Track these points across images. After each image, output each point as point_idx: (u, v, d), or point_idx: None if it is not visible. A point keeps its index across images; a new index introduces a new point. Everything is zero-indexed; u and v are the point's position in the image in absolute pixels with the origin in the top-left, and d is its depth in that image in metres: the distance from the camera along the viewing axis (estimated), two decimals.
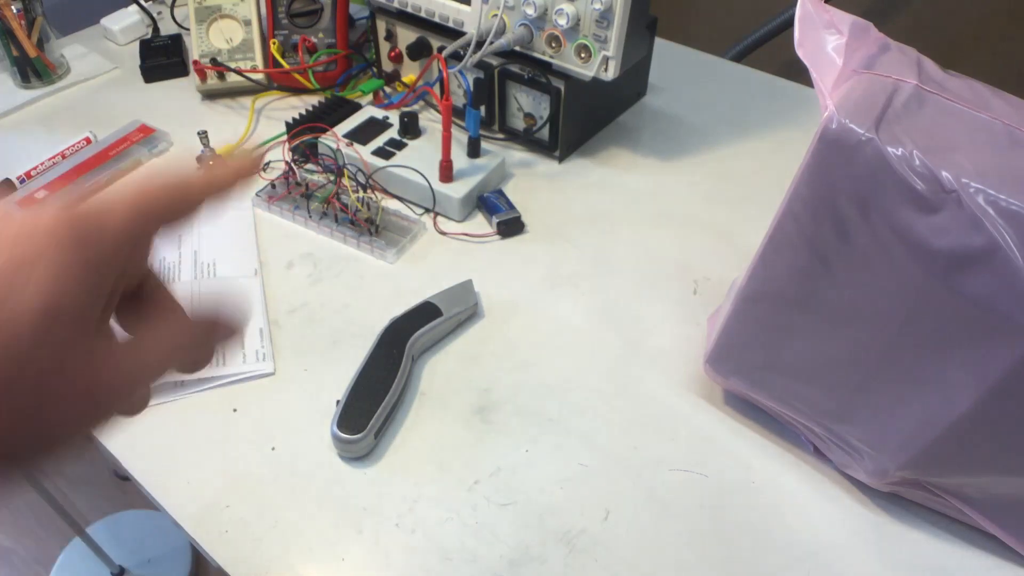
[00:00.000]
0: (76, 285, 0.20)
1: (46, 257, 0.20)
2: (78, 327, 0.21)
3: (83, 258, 0.21)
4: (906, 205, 0.37)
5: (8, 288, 0.19)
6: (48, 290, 0.20)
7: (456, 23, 0.76)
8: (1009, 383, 0.38)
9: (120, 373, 0.23)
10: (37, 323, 0.19)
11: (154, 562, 1.31)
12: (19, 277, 0.19)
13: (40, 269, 0.20)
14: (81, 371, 0.21)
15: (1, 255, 0.19)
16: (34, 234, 0.20)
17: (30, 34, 0.88)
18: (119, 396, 0.23)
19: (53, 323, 0.20)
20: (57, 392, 0.20)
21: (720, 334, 0.52)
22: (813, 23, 0.42)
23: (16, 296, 0.19)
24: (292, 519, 0.50)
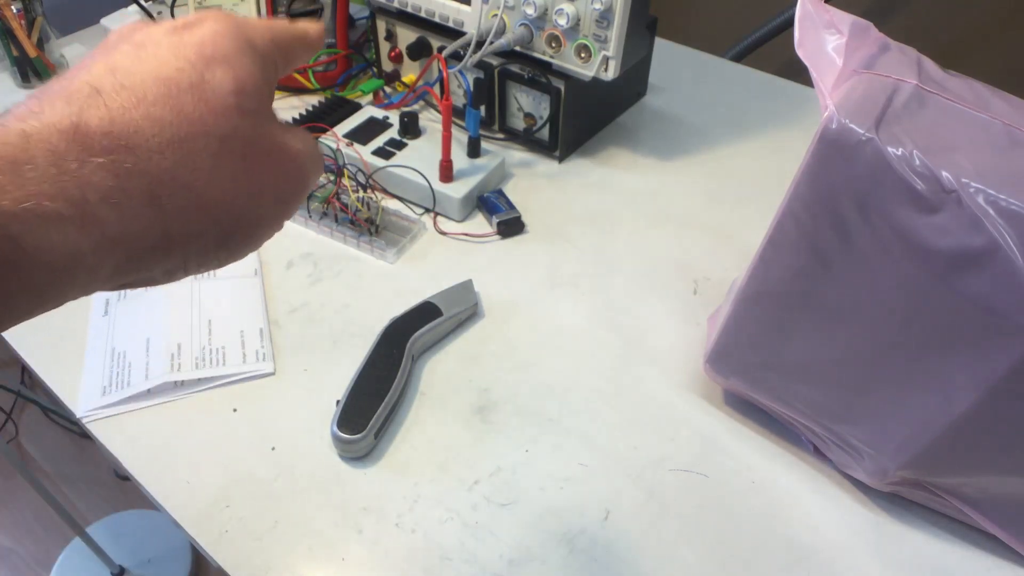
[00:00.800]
0: (253, 68, 0.24)
1: (229, 52, 0.24)
2: (262, 101, 0.25)
3: (251, 48, 0.25)
4: (906, 205, 0.37)
5: (209, 76, 0.23)
6: (236, 75, 0.24)
7: (456, 23, 0.76)
8: (1009, 383, 0.38)
9: (301, 135, 0.27)
10: (235, 99, 0.23)
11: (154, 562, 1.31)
12: (213, 68, 0.23)
13: (229, 61, 0.24)
14: (272, 133, 0.25)
15: (190, 43, 0.23)
16: (211, 29, 0.24)
17: (30, 34, 0.88)
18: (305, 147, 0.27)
19: (245, 98, 0.24)
20: (260, 152, 0.24)
21: (720, 334, 0.52)
22: (813, 23, 0.42)
23: (216, 82, 0.23)
24: (292, 519, 0.50)
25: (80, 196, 0.20)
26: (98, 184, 0.20)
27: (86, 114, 0.20)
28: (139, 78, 0.22)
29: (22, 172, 0.19)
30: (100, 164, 0.20)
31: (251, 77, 0.24)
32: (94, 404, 0.56)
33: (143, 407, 0.56)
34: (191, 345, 0.60)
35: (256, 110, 0.24)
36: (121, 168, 0.20)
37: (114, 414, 0.56)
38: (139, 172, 0.21)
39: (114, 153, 0.20)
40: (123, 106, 0.21)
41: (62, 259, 0.19)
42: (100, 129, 0.20)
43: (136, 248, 0.21)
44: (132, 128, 0.21)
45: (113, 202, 0.20)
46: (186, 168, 0.22)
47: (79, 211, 0.20)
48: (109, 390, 0.57)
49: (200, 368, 0.58)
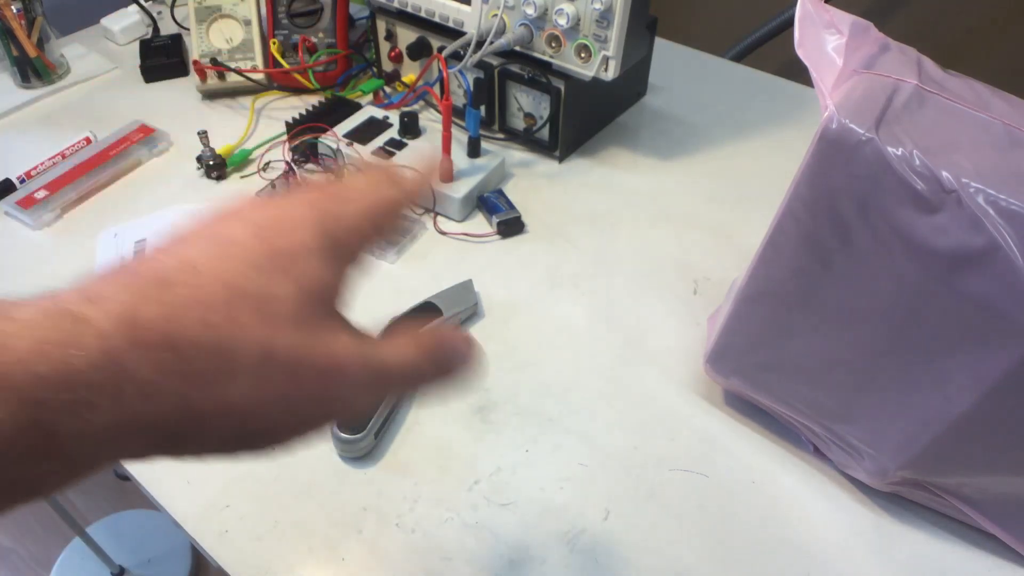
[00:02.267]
0: (324, 273, 0.24)
1: (302, 258, 0.23)
2: (322, 310, 0.24)
3: (332, 249, 0.24)
4: (906, 205, 0.37)
5: (274, 287, 0.23)
6: (300, 286, 0.23)
7: (456, 23, 0.76)
8: (1009, 383, 0.38)
9: (357, 356, 0.25)
10: (293, 312, 0.23)
11: (154, 562, 1.32)
12: (279, 280, 0.23)
13: (299, 269, 0.23)
14: (327, 346, 0.23)
15: (267, 242, 0.23)
16: (292, 226, 0.23)
17: (30, 34, 0.88)
18: (357, 379, 0.25)
19: (304, 309, 0.23)
20: (308, 366, 0.23)
21: (720, 334, 0.52)
22: (813, 23, 0.42)
23: (279, 293, 0.22)
24: (292, 519, 0.50)
25: (117, 387, 0.20)
26: (137, 377, 0.20)
27: (143, 307, 0.21)
28: (208, 278, 0.22)
29: (68, 359, 0.19)
30: (145, 358, 0.20)
31: (318, 284, 0.24)
32: None
33: None
34: None
35: (313, 322, 0.23)
36: (162, 365, 0.20)
37: None
38: (177, 372, 0.21)
39: (161, 351, 0.20)
40: (184, 304, 0.21)
41: (89, 443, 0.20)
42: (153, 325, 0.20)
43: (151, 434, 0.21)
44: (183, 327, 0.21)
45: (146, 394, 0.20)
46: (222, 374, 0.21)
47: (113, 399, 0.20)
48: None
49: None
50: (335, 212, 0.25)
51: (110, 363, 0.19)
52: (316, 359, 0.23)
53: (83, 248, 0.70)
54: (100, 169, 0.78)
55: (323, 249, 0.24)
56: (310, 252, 0.23)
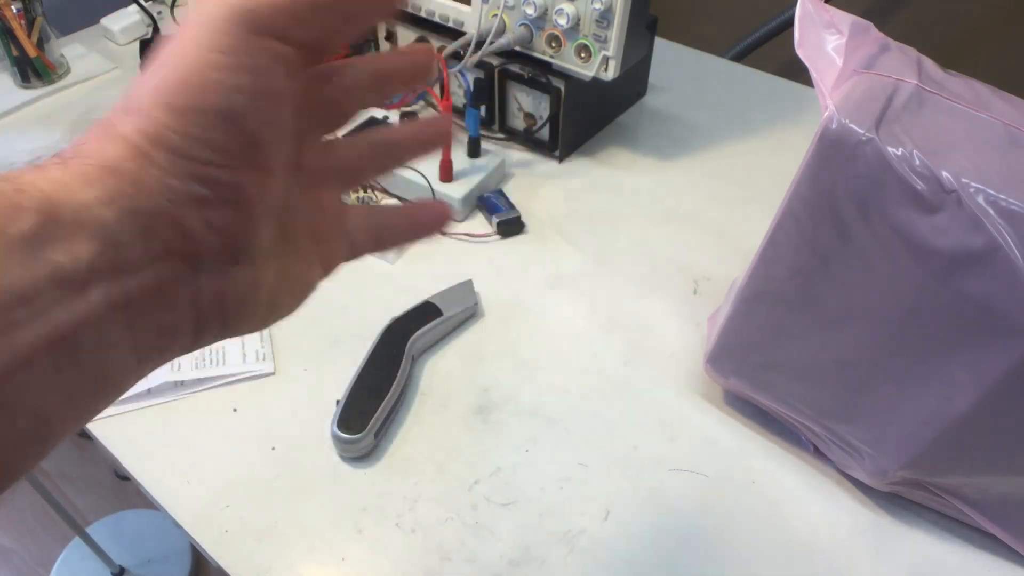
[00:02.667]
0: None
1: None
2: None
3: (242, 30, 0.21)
4: (906, 205, 0.37)
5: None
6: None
7: (456, 23, 0.76)
8: (1009, 383, 0.38)
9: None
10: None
11: (154, 562, 1.31)
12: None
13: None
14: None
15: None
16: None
17: (30, 34, 0.88)
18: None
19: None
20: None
21: (720, 334, 0.52)
22: (813, 23, 0.42)
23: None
24: (292, 519, 0.50)
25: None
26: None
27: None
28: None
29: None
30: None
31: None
32: None
33: (143, 407, 0.56)
34: None
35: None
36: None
37: (114, 414, 0.56)
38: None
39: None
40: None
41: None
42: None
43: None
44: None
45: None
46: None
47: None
48: None
49: (200, 368, 0.58)
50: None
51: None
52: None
53: None
54: None
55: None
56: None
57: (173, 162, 0.19)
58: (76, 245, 0.18)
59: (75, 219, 0.18)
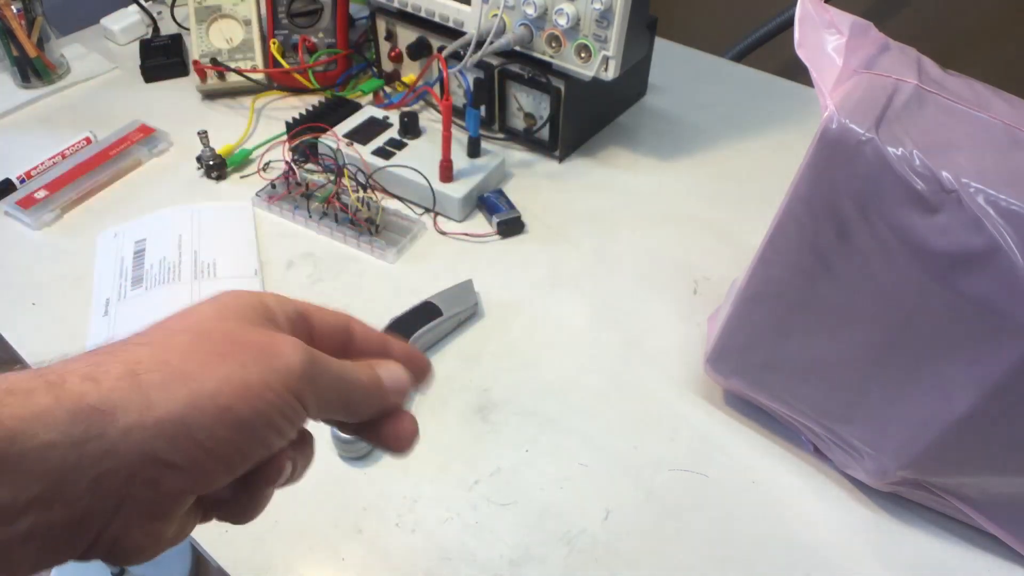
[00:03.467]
0: (246, 304, 0.26)
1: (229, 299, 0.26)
2: (244, 316, 0.26)
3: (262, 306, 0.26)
4: (906, 205, 0.37)
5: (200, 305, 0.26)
6: (222, 302, 0.26)
7: (456, 23, 0.76)
8: (1009, 383, 0.38)
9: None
10: (216, 312, 0.25)
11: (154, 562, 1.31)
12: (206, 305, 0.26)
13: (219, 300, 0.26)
14: (257, 331, 0.26)
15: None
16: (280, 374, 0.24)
17: (30, 34, 0.88)
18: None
19: (225, 310, 0.26)
20: (238, 340, 0.25)
21: (720, 334, 0.52)
22: (813, 23, 0.42)
23: (202, 307, 0.26)
24: (292, 519, 0.50)
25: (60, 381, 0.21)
26: (79, 369, 0.21)
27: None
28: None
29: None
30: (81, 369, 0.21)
31: (235, 298, 0.26)
32: None
33: None
34: None
35: (236, 316, 0.25)
36: (100, 355, 0.22)
37: None
38: (120, 360, 0.22)
39: (96, 355, 0.22)
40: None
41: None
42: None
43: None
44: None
45: (91, 380, 0.21)
46: (163, 349, 0.23)
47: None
48: None
49: None
50: (324, 363, 0.26)
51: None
52: (250, 335, 0.25)
53: (83, 248, 0.70)
54: (100, 169, 0.78)
55: (251, 303, 0.26)
56: (244, 303, 0.26)
57: (174, 434, 0.21)
58: (25, 483, 0.19)
59: (36, 457, 0.19)
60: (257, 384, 0.23)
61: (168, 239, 0.70)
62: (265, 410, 0.23)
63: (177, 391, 0.21)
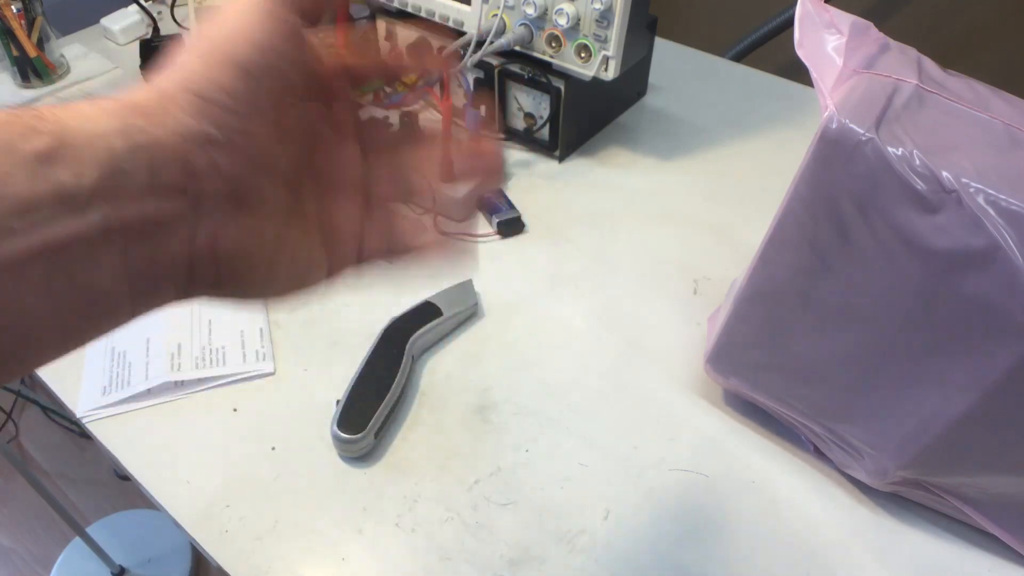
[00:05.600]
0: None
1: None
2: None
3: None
4: (906, 205, 0.37)
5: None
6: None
7: (456, 23, 0.76)
8: (1009, 383, 0.38)
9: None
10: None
11: (154, 562, 1.32)
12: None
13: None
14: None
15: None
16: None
17: (30, 34, 0.88)
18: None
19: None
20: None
21: (720, 334, 0.52)
22: (813, 23, 0.42)
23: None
24: (292, 519, 0.50)
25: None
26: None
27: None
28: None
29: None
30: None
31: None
32: (94, 404, 0.56)
33: (143, 407, 0.56)
34: (191, 345, 0.60)
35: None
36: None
37: (114, 414, 0.56)
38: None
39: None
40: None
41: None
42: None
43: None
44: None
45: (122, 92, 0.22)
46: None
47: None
48: (109, 390, 0.57)
49: (200, 368, 0.58)
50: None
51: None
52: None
53: None
54: None
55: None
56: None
57: (193, 103, 0.21)
58: (82, 168, 0.19)
59: (86, 144, 0.19)
60: (248, 29, 0.23)
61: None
62: (258, 39, 0.23)
63: (199, 73, 0.22)
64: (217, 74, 0.22)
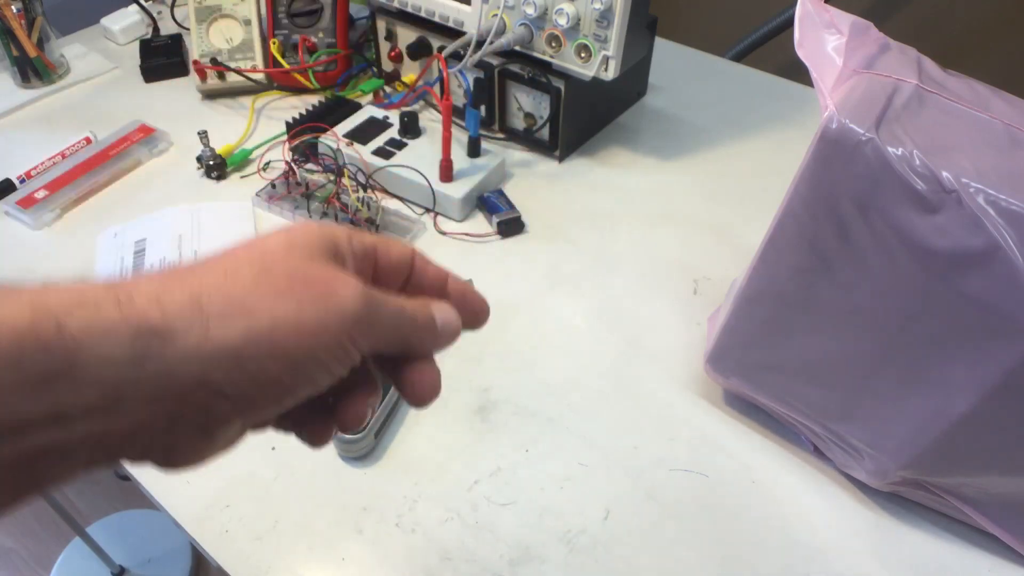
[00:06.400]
0: (311, 234, 0.26)
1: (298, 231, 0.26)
2: (312, 251, 0.26)
3: (330, 240, 0.26)
4: (906, 205, 0.37)
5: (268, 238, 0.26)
6: (291, 233, 0.26)
7: (456, 23, 0.76)
8: (1009, 383, 0.38)
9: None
10: (284, 243, 0.25)
11: (154, 562, 1.31)
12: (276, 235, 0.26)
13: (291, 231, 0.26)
14: (319, 267, 0.26)
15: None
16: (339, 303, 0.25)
17: (30, 34, 0.88)
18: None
19: (293, 242, 0.25)
20: (300, 275, 0.25)
21: (720, 334, 0.52)
22: (813, 23, 0.42)
23: (271, 238, 0.26)
24: (292, 519, 0.50)
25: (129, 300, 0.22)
26: (147, 291, 0.22)
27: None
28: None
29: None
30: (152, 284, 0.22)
31: (304, 233, 0.26)
32: None
33: None
34: None
35: (302, 254, 0.25)
36: (168, 278, 0.23)
37: None
38: (186, 286, 0.23)
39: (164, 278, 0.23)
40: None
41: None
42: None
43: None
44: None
45: (156, 302, 0.22)
46: (228, 280, 0.24)
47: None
48: None
49: None
50: (380, 303, 0.26)
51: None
52: (312, 271, 0.25)
53: (83, 248, 0.70)
54: (100, 169, 0.78)
55: (319, 233, 0.26)
56: (309, 232, 0.26)
57: (228, 363, 0.22)
58: (84, 391, 0.20)
59: (95, 371, 0.20)
60: (311, 324, 0.23)
61: (168, 239, 0.70)
62: (316, 349, 0.24)
63: (235, 323, 0.22)
64: (263, 355, 0.23)
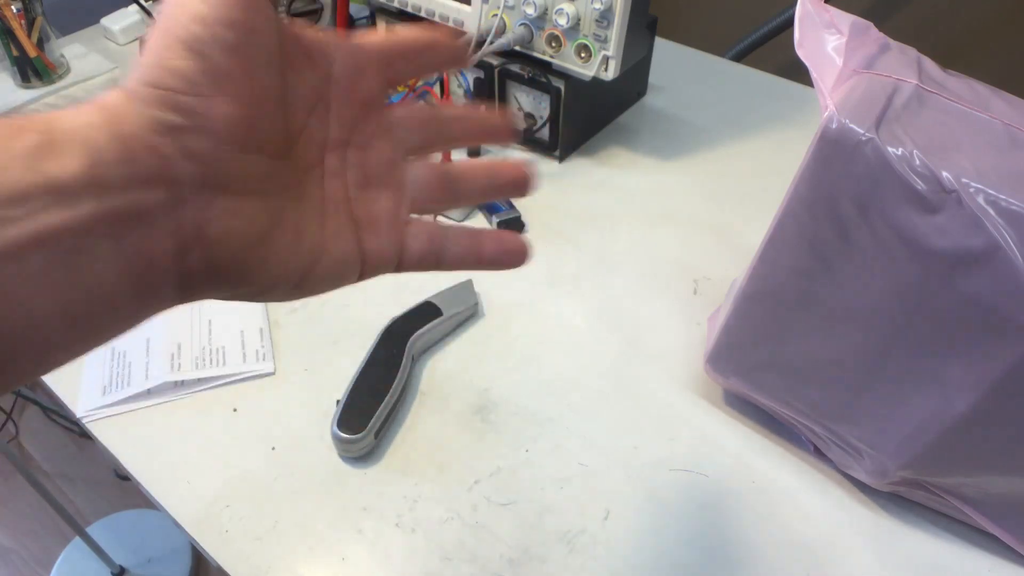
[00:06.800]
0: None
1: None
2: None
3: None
4: (906, 205, 0.37)
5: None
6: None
7: (456, 23, 0.76)
8: (1009, 383, 0.38)
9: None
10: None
11: (154, 562, 1.32)
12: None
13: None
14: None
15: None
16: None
17: (30, 34, 0.88)
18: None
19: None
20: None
21: (720, 334, 0.52)
22: (813, 23, 0.42)
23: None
24: (292, 519, 0.50)
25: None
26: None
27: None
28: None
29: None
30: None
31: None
32: (94, 404, 0.56)
33: (143, 407, 0.56)
34: (191, 345, 0.60)
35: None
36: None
37: (114, 414, 0.56)
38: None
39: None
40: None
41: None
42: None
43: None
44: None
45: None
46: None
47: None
48: (109, 390, 0.57)
49: (200, 368, 0.58)
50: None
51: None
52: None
53: None
54: None
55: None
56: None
57: (151, 93, 0.21)
58: (68, 160, 0.20)
59: (68, 138, 0.20)
60: (189, 3, 0.22)
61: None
62: (199, 12, 0.22)
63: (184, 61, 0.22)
64: (166, 58, 0.22)
